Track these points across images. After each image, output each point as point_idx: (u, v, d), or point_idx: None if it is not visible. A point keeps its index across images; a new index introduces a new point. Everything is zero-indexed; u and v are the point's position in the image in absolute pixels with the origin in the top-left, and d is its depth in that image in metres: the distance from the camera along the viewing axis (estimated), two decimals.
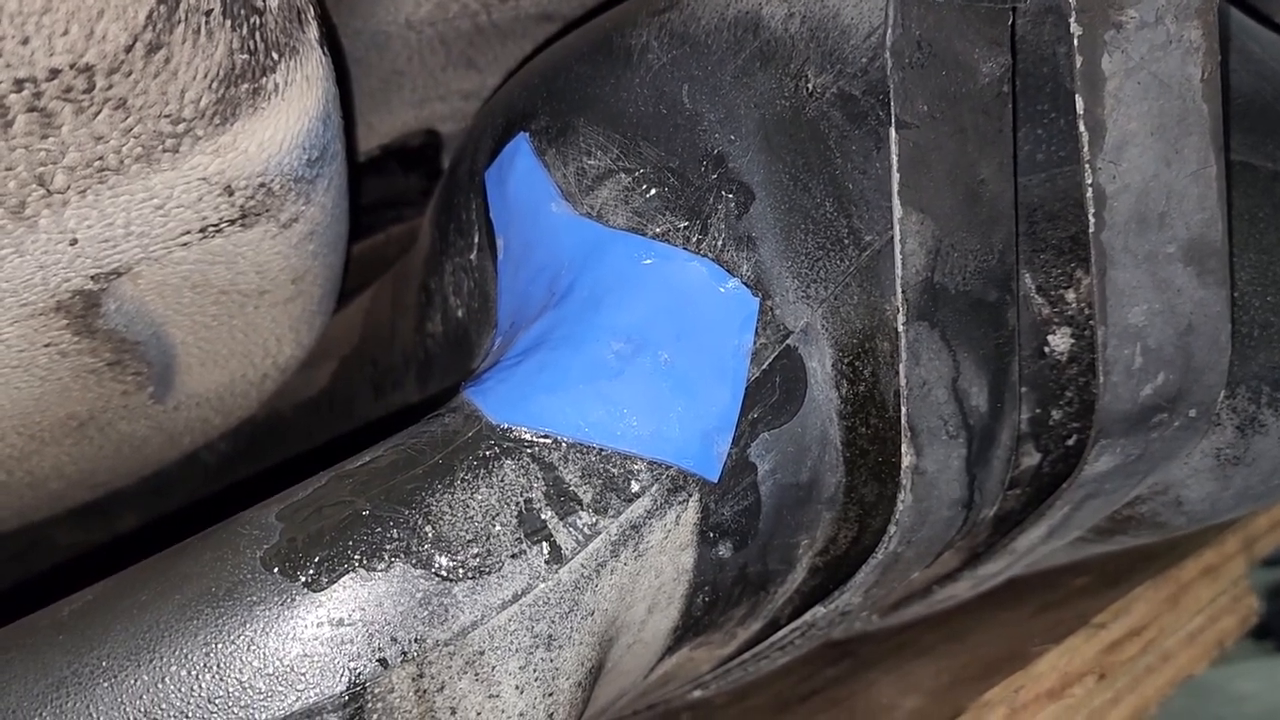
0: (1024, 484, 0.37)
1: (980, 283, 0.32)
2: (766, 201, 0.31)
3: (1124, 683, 0.46)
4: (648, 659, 0.33)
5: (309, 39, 0.32)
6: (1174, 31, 0.31)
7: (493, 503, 0.29)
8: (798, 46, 0.32)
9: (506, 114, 0.36)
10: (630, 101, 0.33)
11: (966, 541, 0.38)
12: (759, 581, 0.33)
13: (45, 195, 0.28)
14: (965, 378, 0.32)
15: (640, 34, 0.34)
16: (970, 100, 0.31)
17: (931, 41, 0.31)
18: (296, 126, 0.32)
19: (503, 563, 0.28)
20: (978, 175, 0.32)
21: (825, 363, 0.31)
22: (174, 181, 0.30)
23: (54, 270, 0.30)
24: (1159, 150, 0.32)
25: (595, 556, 0.29)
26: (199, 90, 0.29)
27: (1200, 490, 0.39)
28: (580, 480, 0.29)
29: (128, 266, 0.32)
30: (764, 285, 0.31)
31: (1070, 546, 0.43)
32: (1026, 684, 0.43)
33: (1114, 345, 0.33)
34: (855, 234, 0.32)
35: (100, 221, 0.30)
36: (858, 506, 0.33)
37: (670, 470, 0.30)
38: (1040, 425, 0.35)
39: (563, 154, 0.33)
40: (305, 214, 0.35)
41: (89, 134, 0.27)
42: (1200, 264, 0.33)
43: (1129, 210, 0.32)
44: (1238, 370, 0.36)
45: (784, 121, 0.32)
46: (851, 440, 0.32)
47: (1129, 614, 0.47)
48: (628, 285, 0.31)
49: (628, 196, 0.32)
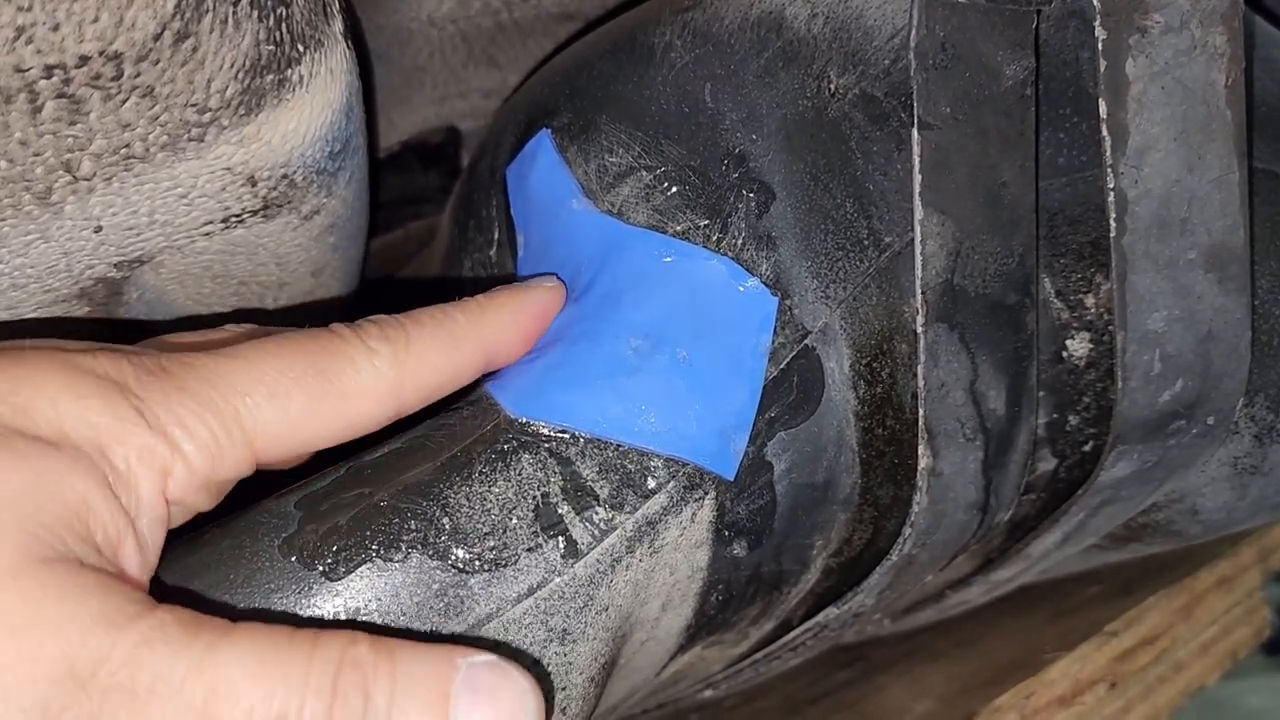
0: (1039, 489, 0.37)
1: (1000, 286, 0.32)
2: (787, 201, 0.31)
3: (1136, 691, 0.46)
4: (660, 656, 0.34)
5: (334, 32, 0.32)
6: (1199, 36, 0.31)
7: (510, 496, 0.29)
8: (820, 47, 0.33)
9: (528, 111, 0.36)
10: (652, 100, 0.33)
11: (981, 546, 0.38)
12: (773, 581, 0.33)
13: (72, 182, 0.28)
14: (983, 380, 0.32)
15: (663, 32, 0.34)
16: (993, 103, 0.31)
17: (955, 43, 0.31)
18: (320, 119, 0.32)
19: (519, 556, 0.28)
20: (999, 178, 0.32)
21: (843, 363, 0.32)
22: (198, 171, 0.30)
23: (78, 257, 0.31)
24: (1182, 156, 0.32)
25: (611, 552, 0.29)
26: (225, 80, 0.29)
27: (1217, 499, 0.39)
28: (597, 475, 0.29)
29: (151, 255, 0.33)
30: (783, 285, 0.31)
31: (1084, 554, 0.43)
32: (1038, 690, 0.43)
33: (1133, 351, 0.33)
34: (875, 235, 0.32)
35: (125, 209, 0.30)
36: (873, 508, 0.33)
37: (687, 467, 0.30)
38: (1057, 430, 0.35)
39: (584, 151, 0.33)
40: (327, 206, 0.35)
41: (116, 121, 0.28)
42: (1221, 270, 0.33)
43: (1150, 216, 0.32)
44: (1257, 378, 0.36)
45: (806, 122, 0.32)
46: (868, 441, 0.32)
47: (1142, 623, 0.47)
48: (647, 282, 0.31)
49: (649, 194, 0.32)
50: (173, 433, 0.26)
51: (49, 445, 0.24)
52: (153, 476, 0.25)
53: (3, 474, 0.23)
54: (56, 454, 0.24)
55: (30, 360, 0.25)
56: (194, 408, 0.26)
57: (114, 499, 0.25)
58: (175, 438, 0.26)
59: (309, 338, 0.28)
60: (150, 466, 0.25)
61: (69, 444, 0.24)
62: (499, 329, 0.30)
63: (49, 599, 0.23)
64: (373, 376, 0.28)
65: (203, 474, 0.26)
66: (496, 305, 0.31)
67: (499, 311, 0.31)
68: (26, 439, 0.24)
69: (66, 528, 0.24)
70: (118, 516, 0.25)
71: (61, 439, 0.24)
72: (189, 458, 0.26)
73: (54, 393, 0.25)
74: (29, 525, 0.23)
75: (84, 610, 0.23)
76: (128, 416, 0.25)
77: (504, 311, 0.31)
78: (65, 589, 0.23)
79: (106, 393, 0.25)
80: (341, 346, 0.28)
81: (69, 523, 0.24)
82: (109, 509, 0.24)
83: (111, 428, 0.25)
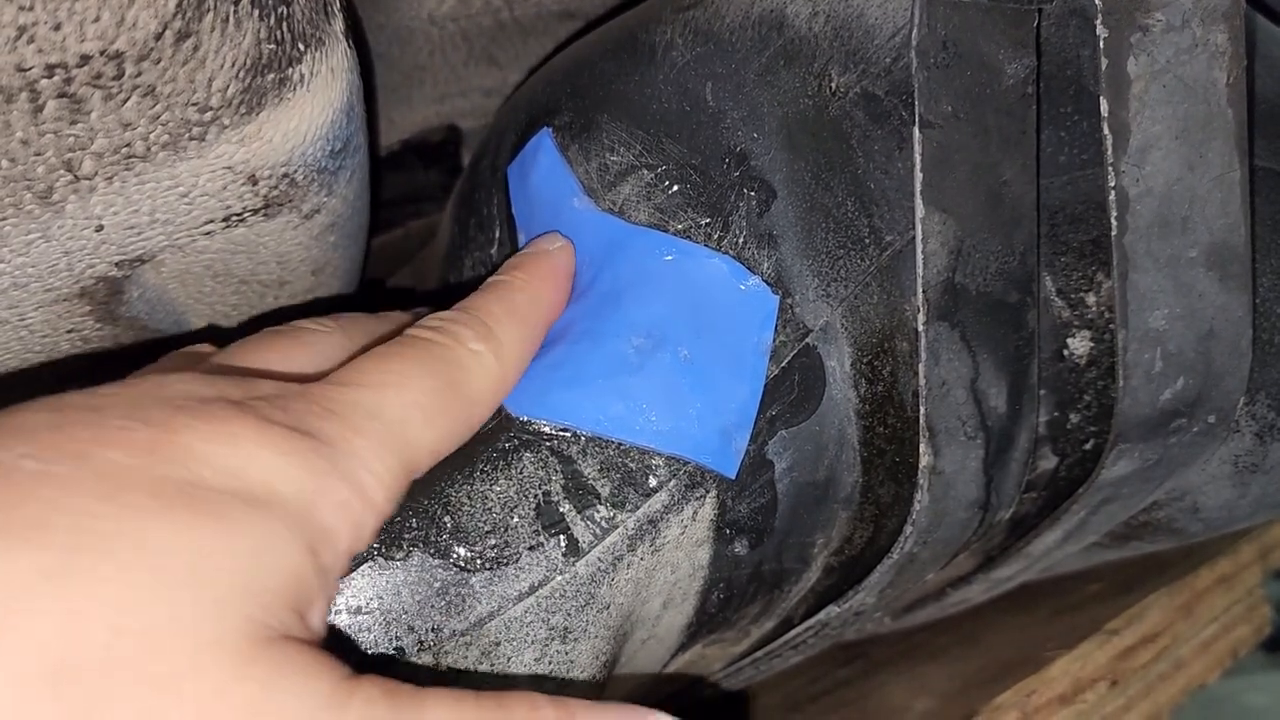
0: (1040, 487, 0.37)
1: (1001, 284, 0.32)
2: (788, 200, 0.31)
3: (1136, 689, 0.46)
4: (661, 655, 0.34)
5: (335, 31, 0.32)
6: (1200, 35, 0.31)
7: (511, 494, 0.29)
8: (821, 46, 0.32)
9: (529, 110, 0.36)
10: (654, 98, 0.33)
11: (981, 544, 0.38)
12: (774, 580, 0.33)
13: (73, 181, 0.28)
14: (984, 379, 0.32)
15: (664, 31, 0.34)
16: (994, 101, 0.31)
17: (957, 42, 0.31)
18: (321, 118, 0.32)
19: (520, 554, 0.28)
20: (1000, 176, 0.32)
21: (844, 362, 0.32)
22: (200, 170, 0.30)
23: (79, 256, 0.31)
24: (1183, 154, 0.32)
25: (612, 550, 0.29)
26: (226, 79, 0.29)
27: (1217, 497, 0.39)
28: (599, 474, 0.29)
29: (152, 254, 0.33)
30: (784, 283, 0.31)
31: (1085, 552, 0.43)
32: (1039, 688, 0.43)
33: (1134, 349, 0.33)
34: (876, 233, 0.32)
35: (126, 208, 0.30)
36: (874, 506, 0.33)
37: (688, 466, 0.30)
38: (1058, 428, 0.35)
39: (585, 150, 0.33)
40: (327, 205, 0.35)
41: (117, 120, 0.28)
42: (1222, 269, 0.33)
43: (1152, 214, 0.32)
44: (1258, 377, 0.36)
45: (807, 120, 0.32)
46: (869, 440, 0.32)
47: (1142, 621, 0.47)
48: (649, 281, 0.31)
49: (650, 193, 0.32)
50: (363, 481, 0.25)
51: (263, 510, 0.23)
52: (348, 532, 0.24)
53: (226, 545, 0.22)
54: (270, 519, 0.23)
55: (218, 415, 0.24)
56: (374, 448, 0.25)
57: (318, 561, 0.24)
58: (365, 486, 0.25)
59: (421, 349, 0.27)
60: (347, 522, 0.24)
61: (280, 507, 0.23)
62: (552, 298, 0.31)
63: (280, 685, 0.22)
64: (485, 378, 0.28)
65: (385, 517, 0.25)
66: (540, 276, 0.31)
67: (544, 282, 0.31)
68: (243, 504, 0.23)
69: (282, 600, 0.23)
70: (319, 578, 0.24)
71: (272, 502, 0.23)
72: (378, 507, 0.25)
73: (253, 449, 0.23)
74: (254, 603, 0.22)
75: (311, 693, 0.22)
76: (323, 469, 0.24)
77: (549, 282, 0.31)
78: (291, 672, 0.22)
79: (299, 445, 0.24)
80: (454, 353, 0.28)
81: (284, 594, 0.23)
82: (314, 572, 0.24)
83: (315, 485, 0.24)
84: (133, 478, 0.22)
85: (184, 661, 0.21)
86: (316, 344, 0.30)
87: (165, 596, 0.21)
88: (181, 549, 0.21)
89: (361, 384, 0.26)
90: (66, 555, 0.20)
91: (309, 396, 0.25)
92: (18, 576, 0.20)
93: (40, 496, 0.21)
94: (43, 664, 0.20)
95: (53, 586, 0.20)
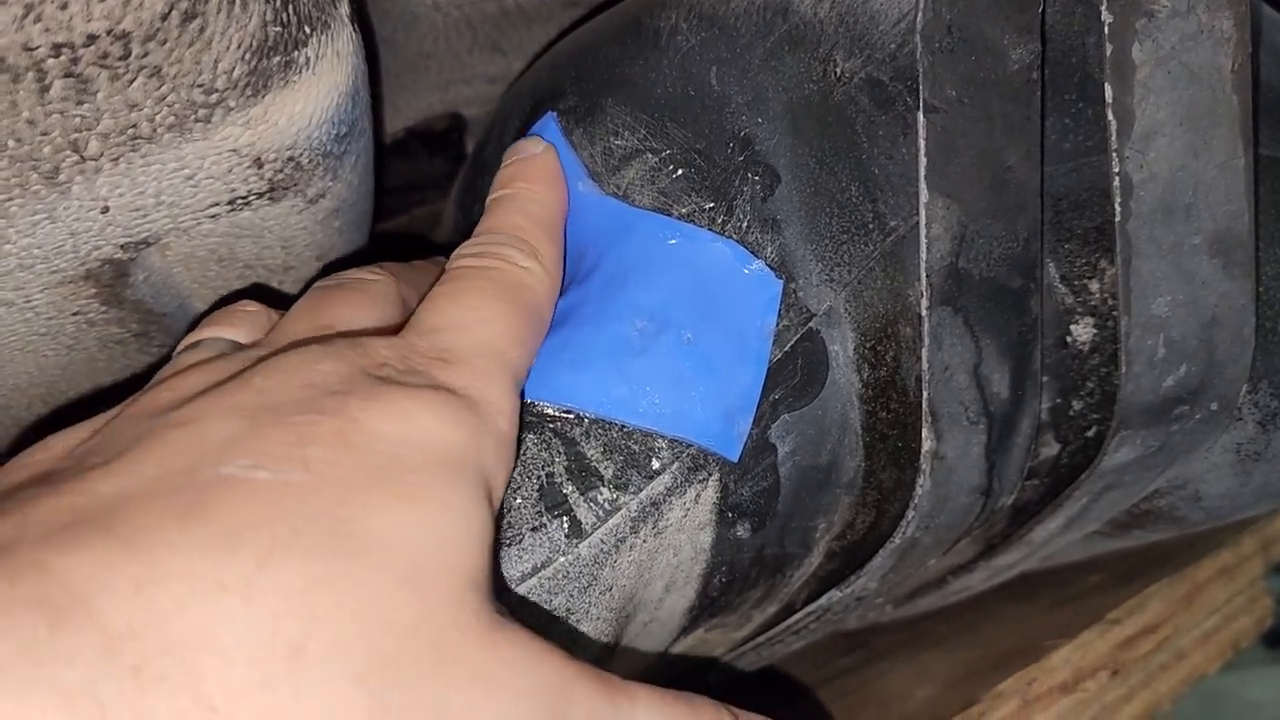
0: (1042, 474, 0.37)
1: (1005, 270, 0.32)
2: (792, 184, 0.31)
3: (1137, 679, 0.46)
4: (663, 638, 0.34)
5: (340, 14, 0.32)
6: (1205, 21, 0.31)
7: (515, 476, 0.29)
8: (826, 31, 0.33)
9: (534, 94, 0.36)
10: (658, 83, 0.33)
11: (983, 531, 0.38)
12: (776, 564, 0.34)
13: (79, 161, 0.28)
14: (987, 364, 0.32)
15: (669, 16, 0.34)
16: (999, 87, 0.31)
17: (962, 27, 0.31)
18: (326, 101, 0.32)
19: (523, 535, 0.29)
20: (1005, 162, 0.32)
21: (847, 346, 0.32)
22: (205, 152, 0.30)
23: (85, 238, 0.31)
24: (1187, 141, 0.32)
25: (615, 532, 0.29)
26: (232, 61, 0.29)
27: (1220, 485, 0.39)
28: (602, 456, 0.29)
29: (157, 237, 0.33)
30: (788, 267, 0.31)
31: (1086, 541, 0.43)
32: (1039, 677, 0.43)
33: (1137, 336, 0.33)
34: (880, 218, 0.32)
35: (132, 190, 0.30)
36: (876, 491, 0.33)
37: (691, 449, 0.30)
38: (1060, 415, 0.35)
39: (590, 134, 0.33)
40: (332, 190, 0.35)
41: (124, 101, 0.28)
42: (1226, 256, 0.33)
43: (1155, 200, 0.32)
44: (1260, 365, 0.36)
45: (811, 105, 0.32)
46: (872, 424, 0.32)
47: (1144, 611, 0.47)
48: (652, 264, 0.31)
49: (654, 176, 0.32)
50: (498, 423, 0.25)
51: (454, 479, 0.23)
52: (504, 473, 0.25)
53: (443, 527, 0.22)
54: (463, 487, 0.23)
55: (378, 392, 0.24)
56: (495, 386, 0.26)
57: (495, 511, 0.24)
58: (502, 426, 0.25)
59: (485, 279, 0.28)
60: (503, 465, 0.25)
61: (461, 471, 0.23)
62: (560, 197, 0.32)
63: (518, 663, 0.22)
64: (543, 289, 0.29)
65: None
66: (540, 180, 0.32)
67: (547, 185, 0.32)
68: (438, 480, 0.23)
69: (489, 566, 0.23)
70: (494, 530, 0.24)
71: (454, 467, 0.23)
72: (511, 439, 0.26)
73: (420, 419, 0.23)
74: (480, 578, 0.23)
75: (543, 672, 0.23)
76: (473, 423, 0.24)
77: (550, 183, 0.32)
78: (518, 651, 0.22)
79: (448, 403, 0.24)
80: (514, 275, 0.29)
81: (488, 557, 0.23)
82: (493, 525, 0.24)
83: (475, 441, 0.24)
84: (351, 475, 0.22)
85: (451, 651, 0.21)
86: (378, 293, 0.30)
87: (418, 590, 0.22)
88: (414, 540, 0.22)
89: (456, 326, 0.27)
90: (328, 561, 0.21)
91: (420, 350, 0.26)
92: (298, 585, 0.20)
93: (287, 507, 0.21)
94: (346, 668, 0.20)
95: (324, 594, 0.21)
